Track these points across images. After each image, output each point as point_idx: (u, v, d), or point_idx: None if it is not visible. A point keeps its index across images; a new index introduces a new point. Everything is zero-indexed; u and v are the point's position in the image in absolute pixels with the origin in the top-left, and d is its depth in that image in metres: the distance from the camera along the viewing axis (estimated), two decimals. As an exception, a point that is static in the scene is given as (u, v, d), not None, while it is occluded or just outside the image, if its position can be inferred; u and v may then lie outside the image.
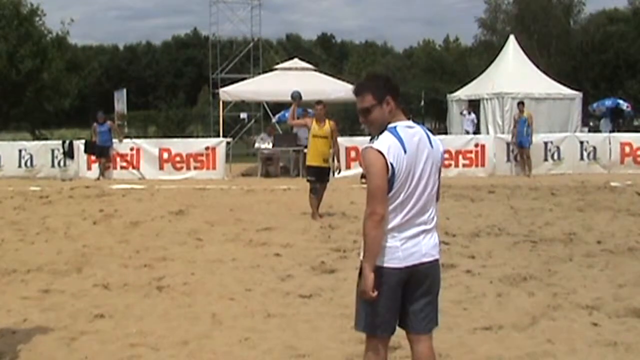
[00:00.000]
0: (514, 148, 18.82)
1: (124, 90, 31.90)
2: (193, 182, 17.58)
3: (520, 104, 19.55)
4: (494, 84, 25.50)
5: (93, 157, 19.06)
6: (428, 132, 3.83)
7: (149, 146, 19.25)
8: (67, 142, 19.62)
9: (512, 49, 27.25)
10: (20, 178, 18.67)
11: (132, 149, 19.08)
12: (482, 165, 18.79)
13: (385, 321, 3.76)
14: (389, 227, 3.69)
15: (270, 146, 19.96)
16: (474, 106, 26.22)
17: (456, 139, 20.34)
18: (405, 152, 3.65)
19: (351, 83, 24.54)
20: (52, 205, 13.72)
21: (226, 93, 21.81)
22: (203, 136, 29.42)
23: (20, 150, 19.41)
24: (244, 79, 28.10)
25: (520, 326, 5.73)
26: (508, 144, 18.91)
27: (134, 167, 18.97)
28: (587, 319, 5.92)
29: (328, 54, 73.43)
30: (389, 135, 3.68)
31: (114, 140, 19.07)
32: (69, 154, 19.15)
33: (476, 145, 18.89)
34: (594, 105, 33.81)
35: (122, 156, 19.05)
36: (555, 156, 18.96)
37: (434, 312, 3.90)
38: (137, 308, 6.43)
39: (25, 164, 19.27)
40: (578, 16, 49.40)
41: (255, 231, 10.43)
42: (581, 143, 19.13)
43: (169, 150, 18.97)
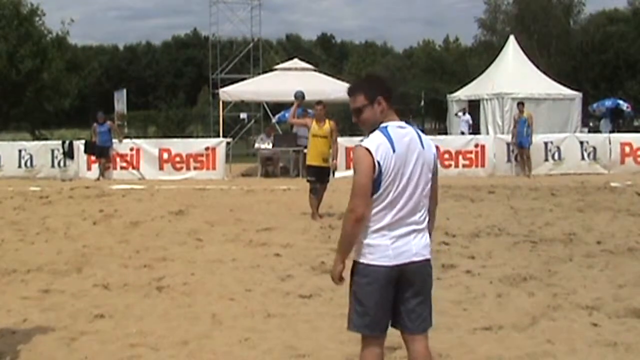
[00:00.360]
0: (514, 148, 18.82)
1: (124, 91, 31.92)
2: (193, 183, 17.58)
3: (520, 104, 19.54)
4: (494, 84, 25.51)
5: (93, 158, 19.05)
6: (420, 133, 3.85)
7: (149, 146, 19.25)
8: (67, 142, 19.62)
9: (512, 49, 27.27)
10: (20, 178, 18.67)
11: (132, 149, 19.07)
12: (482, 165, 18.79)
13: (377, 320, 3.77)
14: (379, 225, 3.73)
15: (270, 146, 19.96)
16: (473, 107, 26.24)
17: (456, 139, 20.37)
18: (394, 151, 3.69)
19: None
20: (52, 206, 13.72)
21: (226, 93, 21.82)
22: (203, 136, 29.43)
23: (20, 151, 19.41)
24: (244, 79, 28.10)
25: (520, 326, 5.73)
26: (508, 144, 18.90)
27: (133, 168, 18.97)
28: (587, 319, 5.92)
29: (328, 54, 73.46)
30: (379, 134, 3.73)
31: (113, 140, 19.06)
32: (69, 154, 19.14)
33: (476, 146, 18.89)
34: (594, 105, 33.83)
35: (122, 156, 19.05)
36: (556, 156, 18.95)
37: (427, 312, 3.87)
38: (137, 308, 6.43)
39: (25, 164, 19.27)
40: (578, 16, 49.47)
41: (255, 231, 10.43)
42: (581, 143, 19.12)
43: (168, 151, 18.97)
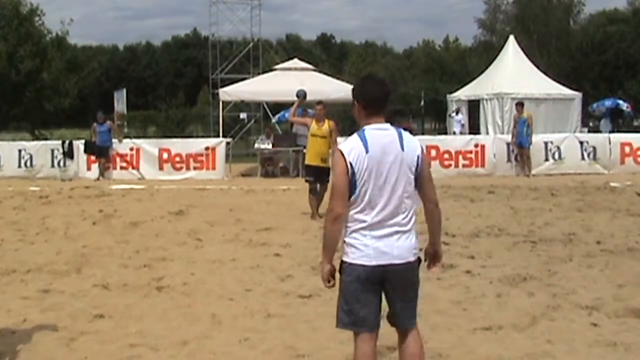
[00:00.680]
0: (514, 148, 18.81)
1: (124, 91, 31.90)
2: (193, 183, 17.58)
3: (519, 104, 19.51)
4: (494, 84, 25.51)
5: (93, 157, 19.05)
6: (403, 136, 3.89)
7: (149, 146, 19.25)
8: (67, 142, 19.61)
9: (511, 49, 27.27)
10: (19, 178, 18.67)
11: (131, 149, 19.07)
12: (482, 165, 18.78)
13: (362, 317, 3.86)
14: (361, 225, 3.84)
15: (269, 146, 19.96)
16: (473, 106, 26.25)
17: (456, 140, 20.37)
18: (367, 152, 3.79)
19: (351, 83, 24.61)
20: (52, 206, 13.72)
21: (226, 93, 21.82)
22: (203, 136, 29.41)
23: (20, 150, 19.41)
24: (243, 79, 28.10)
25: (520, 326, 5.73)
26: (508, 144, 18.89)
27: (133, 167, 18.97)
28: (587, 319, 5.92)
29: (328, 54, 73.38)
30: (355, 136, 3.89)
31: (113, 140, 19.06)
32: (68, 154, 19.14)
33: (476, 146, 18.88)
34: (594, 105, 33.82)
35: (122, 156, 19.05)
36: (556, 156, 18.94)
37: (413, 310, 4.00)
38: (136, 308, 6.43)
39: (25, 164, 19.26)
40: (578, 16, 49.54)
41: (255, 231, 10.43)
42: (581, 143, 19.11)
43: (168, 151, 18.96)
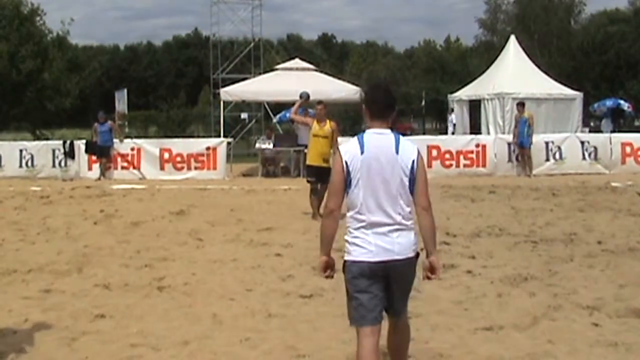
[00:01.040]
0: (515, 148, 18.80)
1: (125, 90, 31.90)
2: (194, 182, 17.58)
3: (520, 104, 19.50)
4: (495, 84, 25.51)
5: (94, 157, 19.05)
6: (400, 141, 4.12)
7: (150, 146, 19.25)
8: (68, 142, 19.61)
9: (512, 49, 27.25)
10: (21, 178, 18.68)
11: (132, 149, 19.07)
12: (483, 165, 18.77)
13: (369, 310, 4.06)
14: (360, 225, 4.08)
15: (270, 146, 19.96)
16: (474, 106, 26.26)
17: (457, 139, 20.35)
18: (362, 152, 4.06)
19: (352, 83, 24.63)
20: (53, 206, 13.73)
21: (227, 93, 21.82)
22: (204, 136, 29.45)
23: (21, 150, 19.41)
24: (244, 79, 28.10)
25: (521, 326, 5.73)
26: (509, 144, 18.87)
27: (134, 167, 18.97)
28: (588, 319, 5.92)
29: (329, 54, 73.43)
30: (354, 139, 4.18)
31: (114, 140, 19.07)
32: (69, 154, 19.14)
33: (477, 146, 18.86)
34: (595, 105, 33.81)
35: (123, 156, 19.05)
36: (557, 156, 18.93)
37: (406, 299, 4.30)
38: (137, 308, 6.43)
39: (26, 164, 19.26)
40: (579, 16, 49.53)
41: (256, 231, 10.43)
42: (582, 143, 19.10)
43: (169, 151, 18.96)
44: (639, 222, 10.82)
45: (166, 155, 18.90)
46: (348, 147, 4.14)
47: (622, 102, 33.90)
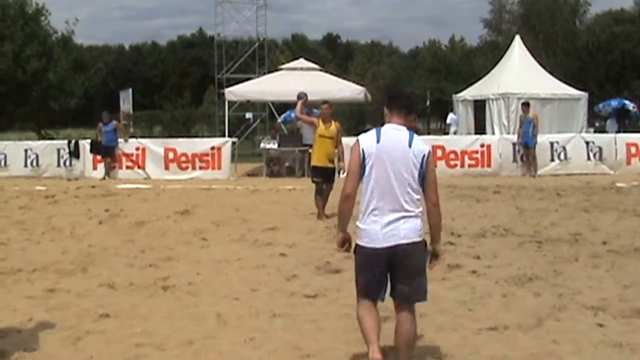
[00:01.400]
0: (519, 148, 18.77)
1: (130, 90, 31.95)
2: (198, 182, 17.60)
3: (525, 104, 19.48)
4: (500, 84, 25.48)
5: (99, 157, 19.09)
6: (413, 137, 4.51)
7: (155, 146, 19.27)
8: (73, 141, 19.65)
9: (517, 49, 27.22)
10: (26, 177, 18.71)
11: (137, 149, 19.10)
12: (488, 165, 18.74)
13: (371, 289, 4.52)
14: (370, 210, 4.47)
15: (275, 146, 19.97)
16: (479, 106, 26.25)
17: (462, 139, 20.32)
18: (377, 142, 4.48)
19: (356, 83, 24.63)
20: (58, 205, 13.76)
21: (232, 93, 21.83)
22: (208, 136, 29.43)
23: (26, 150, 19.45)
24: (249, 79, 28.10)
25: (525, 327, 5.72)
26: (514, 144, 18.85)
27: (139, 167, 19.00)
28: (593, 319, 5.91)
29: (333, 54, 73.33)
30: (372, 130, 4.63)
31: (119, 140, 19.10)
32: (74, 153, 19.18)
33: (482, 146, 18.84)
34: (600, 105, 33.72)
35: (128, 156, 19.08)
36: (562, 157, 18.89)
37: (412, 289, 4.48)
38: (142, 308, 6.44)
39: (31, 163, 19.30)
40: (584, 16, 49.45)
41: (261, 231, 10.43)
42: (587, 144, 19.06)
43: (174, 150, 18.98)
44: (644, 223, 10.80)
45: (171, 155, 18.92)
46: (366, 137, 4.58)
47: (627, 102, 33.80)
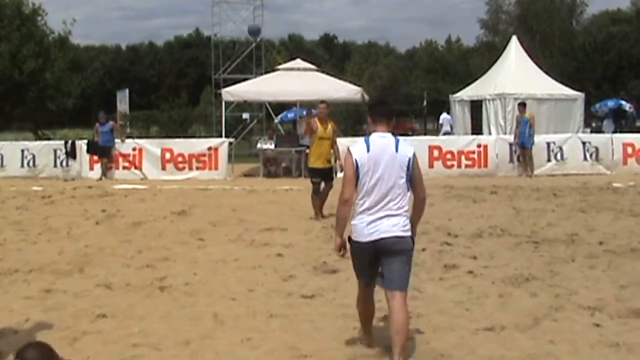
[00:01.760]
0: (516, 149, 18.78)
1: (127, 91, 31.94)
2: (195, 183, 17.59)
3: (521, 104, 19.50)
4: (496, 84, 25.49)
5: (95, 157, 19.06)
6: (399, 142, 5.02)
7: (151, 146, 19.25)
8: (70, 142, 19.62)
9: (514, 50, 27.23)
10: (22, 178, 18.69)
11: (134, 149, 19.08)
12: (485, 166, 18.75)
13: (363, 274, 5.12)
14: (361, 209, 4.97)
15: (272, 146, 19.97)
16: (475, 107, 26.28)
17: (459, 140, 20.33)
18: (368, 151, 4.96)
19: (353, 83, 24.62)
20: (55, 205, 13.74)
21: (228, 93, 21.81)
22: (205, 136, 29.44)
23: (22, 150, 19.42)
24: (246, 79, 28.06)
25: (522, 327, 5.72)
26: (510, 145, 18.86)
27: (136, 168, 18.98)
28: (589, 319, 5.91)
29: (330, 55, 73.25)
30: (362, 140, 5.11)
31: (116, 140, 19.08)
32: (71, 154, 19.15)
33: (478, 146, 18.85)
34: (597, 106, 33.81)
35: (125, 156, 19.06)
36: (558, 157, 18.91)
37: (397, 276, 4.92)
38: (139, 308, 6.43)
39: (28, 164, 19.28)
40: (581, 17, 49.50)
41: (258, 231, 10.43)
42: (584, 144, 19.08)
43: (171, 151, 18.96)
44: (640, 223, 10.81)
45: (168, 156, 18.90)
46: (357, 147, 5.04)
47: (623, 102, 33.91)
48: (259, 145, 21.33)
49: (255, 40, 12.91)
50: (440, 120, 29.14)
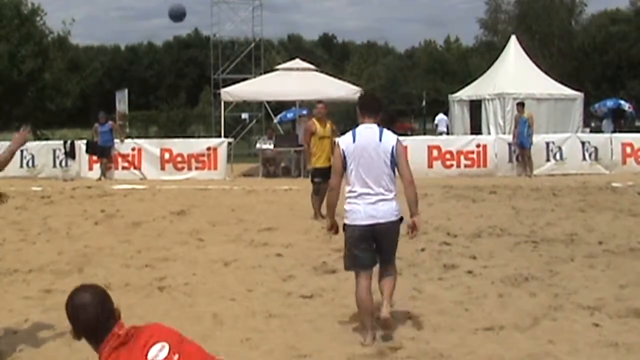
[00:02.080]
0: (515, 148, 18.78)
1: (126, 91, 31.86)
2: (194, 183, 17.58)
3: (520, 104, 19.50)
4: (496, 84, 25.49)
5: (94, 157, 19.05)
6: (383, 132, 5.41)
7: (151, 146, 19.24)
8: (69, 142, 19.61)
9: (513, 50, 27.22)
10: (21, 178, 18.65)
11: (133, 149, 19.06)
12: (484, 165, 18.75)
13: (359, 259, 5.38)
14: (353, 195, 5.34)
15: (271, 146, 19.96)
16: (475, 107, 26.28)
17: (458, 140, 20.32)
18: (354, 141, 5.39)
19: (352, 83, 24.62)
20: (54, 206, 13.74)
21: (227, 93, 21.80)
22: (204, 136, 29.43)
23: (21, 150, 19.34)
24: (245, 79, 28.06)
25: (521, 327, 5.73)
26: (509, 145, 18.86)
27: (135, 168, 18.97)
28: (589, 319, 5.91)
29: (329, 55, 73.33)
30: (349, 132, 5.53)
31: (115, 140, 19.08)
32: (70, 154, 19.13)
33: (478, 146, 18.84)
34: (596, 105, 33.81)
35: (124, 156, 19.04)
36: (557, 157, 18.91)
37: (390, 253, 5.53)
38: (138, 308, 6.43)
39: (27, 164, 19.26)
40: (580, 17, 49.49)
41: (257, 231, 10.43)
42: (583, 144, 19.08)
43: (170, 151, 18.95)
44: (639, 223, 10.82)
45: (167, 156, 18.89)
46: (344, 138, 5.49)
47: (622, 102, 33.92)
48: (258, 145, 21.32)
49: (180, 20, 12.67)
50: (436, 121, 29.24)
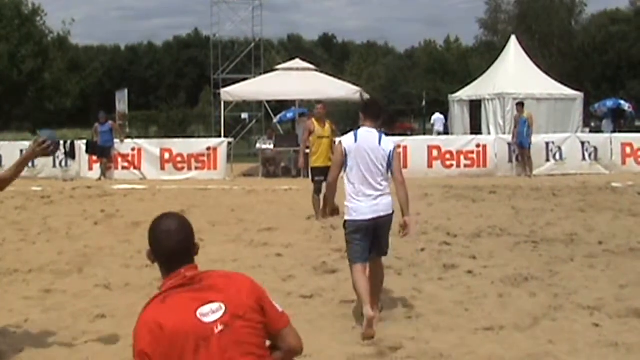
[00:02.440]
0: (515, 148, 18.78)
1: (126, 91, 31.87)
2: (194, 183, 17.58)
3: (519, 104, 19.49)
4: (495, 84, 25.48)
5: (94, 158, 19.05)
6: (382, 136, 5.88)
7: (151, 146, 19.25)
8: (69, 142, 19.60)
9: (513, 50, 27.22)
10: (21, 178, 18.34)
11: (133, 149, 19.07)
12: (484, 165, 18.75)
13: (361, 252, 5.78)
14: (355, 192, 5.77)
15: (271, 146, 19.96)
16: (474, 107, 26.29)
17: (458, 140, 20.32)
18: (355, 142, 5.84)
19: (352, 83, 24.62)
20: (54, 206, 13.73)
21: (227, 93, 21.80)
22: (204, 136, 29.44)
23: (21, 150, 19.24)
24: (245, 79, 28.08)
25: (521, 327, 5.72)
26: (509, 145, 18.86)
27: (135, 168, 18.97)
28: (589, 319, 5.91)
29: (329, 55, 73.34)
30: (351, 132, 6.00)
31: (115, 140, 19.07)
32: (70, 154, 19.12)
33: (477, 146, 18.84)
34: (596, 105, 33.80)
35: (124, 156, 19.05)
36: (557, 157, 18.91)
37: (385, 244, 5.96)
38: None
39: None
40: (580, 16, 49.49)
41: (257, 231, 10.43)
42: (583, 144, 19.08)
43: (170, 151, 18.96)
44: (639, 223, 10.81)
45: (167, 156, 18.89)
46: (346, 138, 5.94)
47: (622, 102, 33.90)
48: (258, 145, 21.32)
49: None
50: (432, 120, 29.29)
